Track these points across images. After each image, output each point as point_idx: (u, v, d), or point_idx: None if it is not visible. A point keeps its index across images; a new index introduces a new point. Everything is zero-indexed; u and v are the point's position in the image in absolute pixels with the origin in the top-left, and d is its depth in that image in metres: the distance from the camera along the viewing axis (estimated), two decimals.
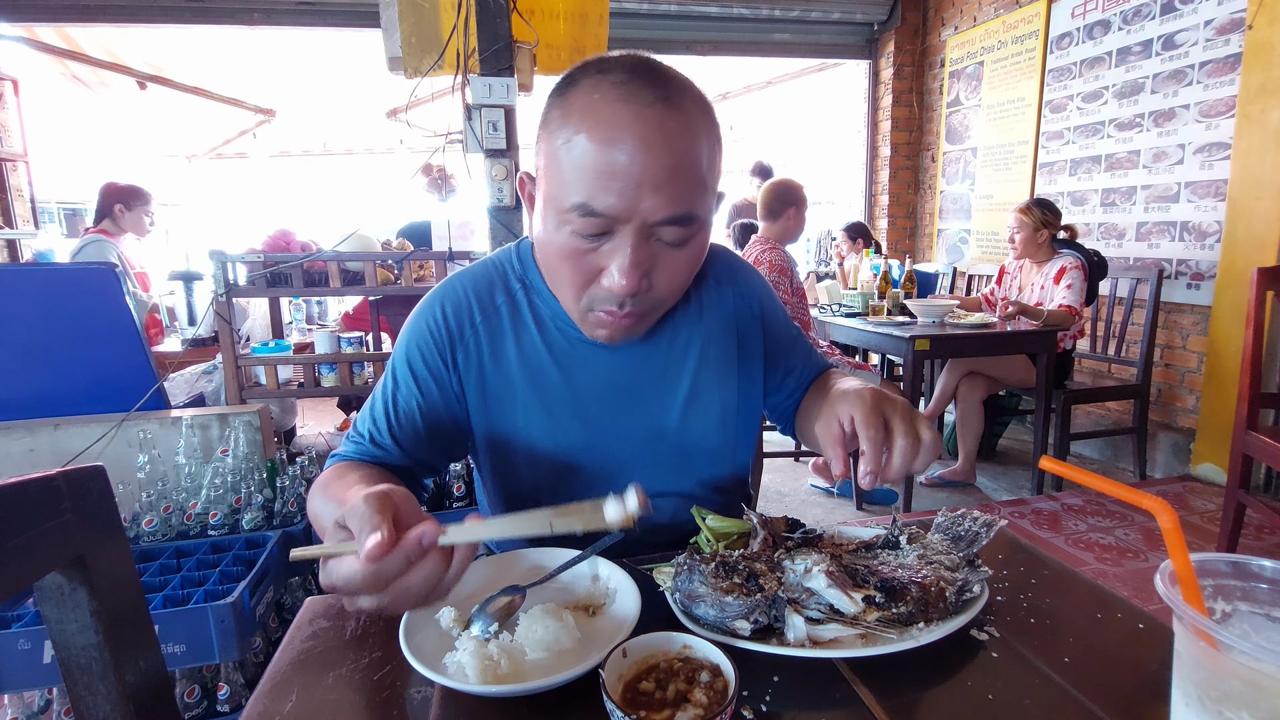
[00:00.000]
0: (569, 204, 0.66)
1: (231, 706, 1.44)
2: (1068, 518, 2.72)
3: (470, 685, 0.55)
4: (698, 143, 0.67)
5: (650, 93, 0.64)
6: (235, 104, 5.35)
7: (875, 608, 0.61)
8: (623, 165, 0.64)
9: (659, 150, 0.64)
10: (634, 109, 0.64)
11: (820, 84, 5.64)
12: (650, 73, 0.66)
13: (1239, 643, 0.38)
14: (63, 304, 1.75)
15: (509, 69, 2.22)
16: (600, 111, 0.64)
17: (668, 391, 0.86)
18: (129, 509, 1.64)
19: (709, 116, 0.70)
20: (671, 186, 0.65)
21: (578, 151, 0.65)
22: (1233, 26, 2.81)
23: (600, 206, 0.65)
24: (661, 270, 0.71)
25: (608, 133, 0.64)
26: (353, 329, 2.86)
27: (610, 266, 0.68)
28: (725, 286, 0.91)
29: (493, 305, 0.84)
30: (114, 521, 0.60)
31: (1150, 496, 0.46)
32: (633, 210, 0.65)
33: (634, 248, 0.67)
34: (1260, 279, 1.91)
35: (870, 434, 0.65)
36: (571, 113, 0.66)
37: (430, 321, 0.83)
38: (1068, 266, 2.85)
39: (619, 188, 0.64)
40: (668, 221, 0.67)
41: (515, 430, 0.84)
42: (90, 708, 0.57)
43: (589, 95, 0.66)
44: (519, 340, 0.83)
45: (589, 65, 0.69)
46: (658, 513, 0.90)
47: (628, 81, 0.65)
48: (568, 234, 0.68)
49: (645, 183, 0.64)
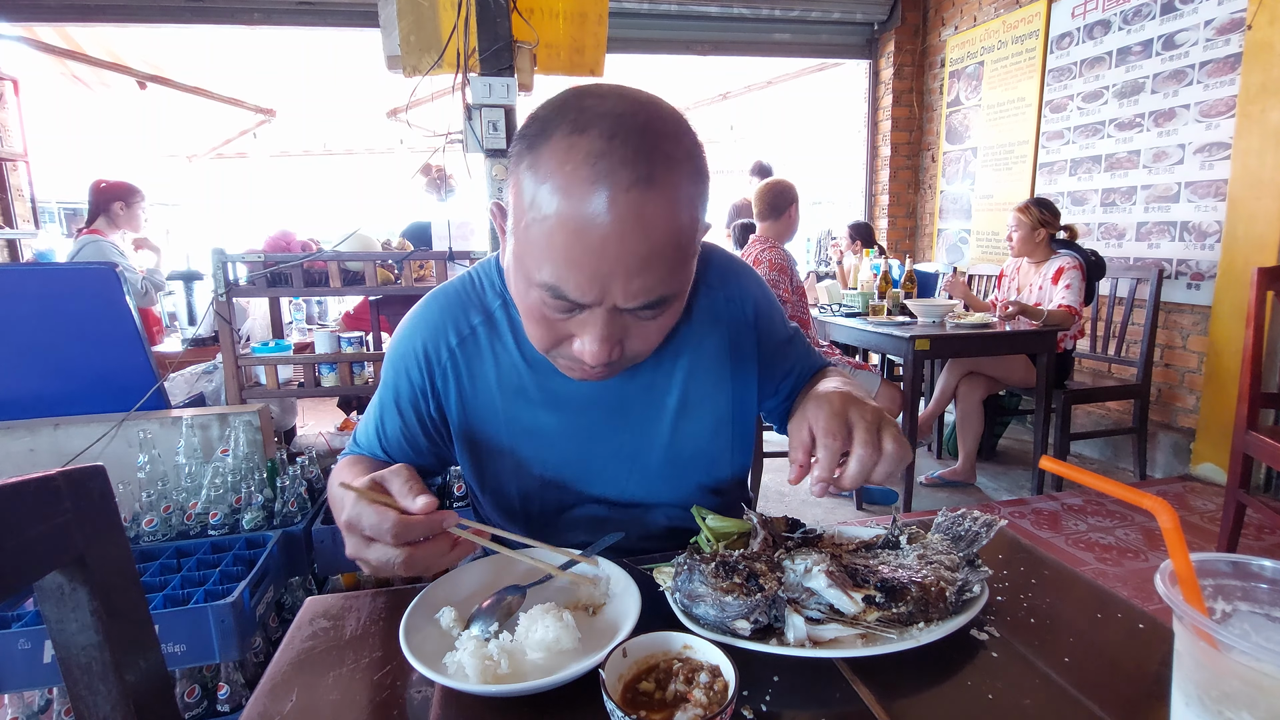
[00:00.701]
0: (537, 279, 0.62)
1: (231, 706, 1.44)
2: (1068, 518, 2.72)
3: (470, 685, 0.55)
4: (679, 222, 0.61)
5: (628, 174, 0.57)
6: (235, 104, 5.36)
7: (875, 608, 0.61)
8: (593, 254, 0.59)
9: (633, 240, 0.59)
10: (608, 193, 0.57)
11: (820, 84, 5.64)
12: (633, 140, 0.58)
13: (1239, 643, 0.38)
14: (63, 304, 1.75)
15: (509, 69, 2.22)
16: (571, 189, 0.58)
17: (656, 403, 0.85)
18: (129, 509, 1.64)
19: (696, 176, 0.63)
20: (645, 275, 0.61)
21: (547, 226, 0.60)
22: (1233, 26, 2.81)
23: (568, 291, 0.61)
24: (634, 338, 0.68)
25: (577, 215, 0.58)
26: (353, 329, 2.86)
27: (581, 336, 0.66)
28: (717, 291, 0.88)
29: (469, 326, 0.83)
30: (114, 521, 0.60)
31: (1150, 496, 0.46)
32: (602, 297, 0.62)
33: (604, 324, 0.64)
34: (1260, 279, 1.91)
35: (828, 442, 0.63)
36: (542, 175, 0.60)
37: (408, 350, 0.84)
38: (1065, 267, 2.85)
39: (588, 276, 0.60)
40: (640, 308, 0.64)
41: (500, 448, 0.85)
42: (90, 708, 0.57)
43: (560, 162, 0.58)
44: (497, 360, 0.83)
45: (564, 113, 0.60)
46: (655, 521, 0.89)
47: (604, 155, 0.57)
48: (536, 300, 0.65)
49: (617, 272, 0.60)
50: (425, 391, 0.83)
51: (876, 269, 3.50)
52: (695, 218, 0.64)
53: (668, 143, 0.60)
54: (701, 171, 0.65)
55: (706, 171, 0.66)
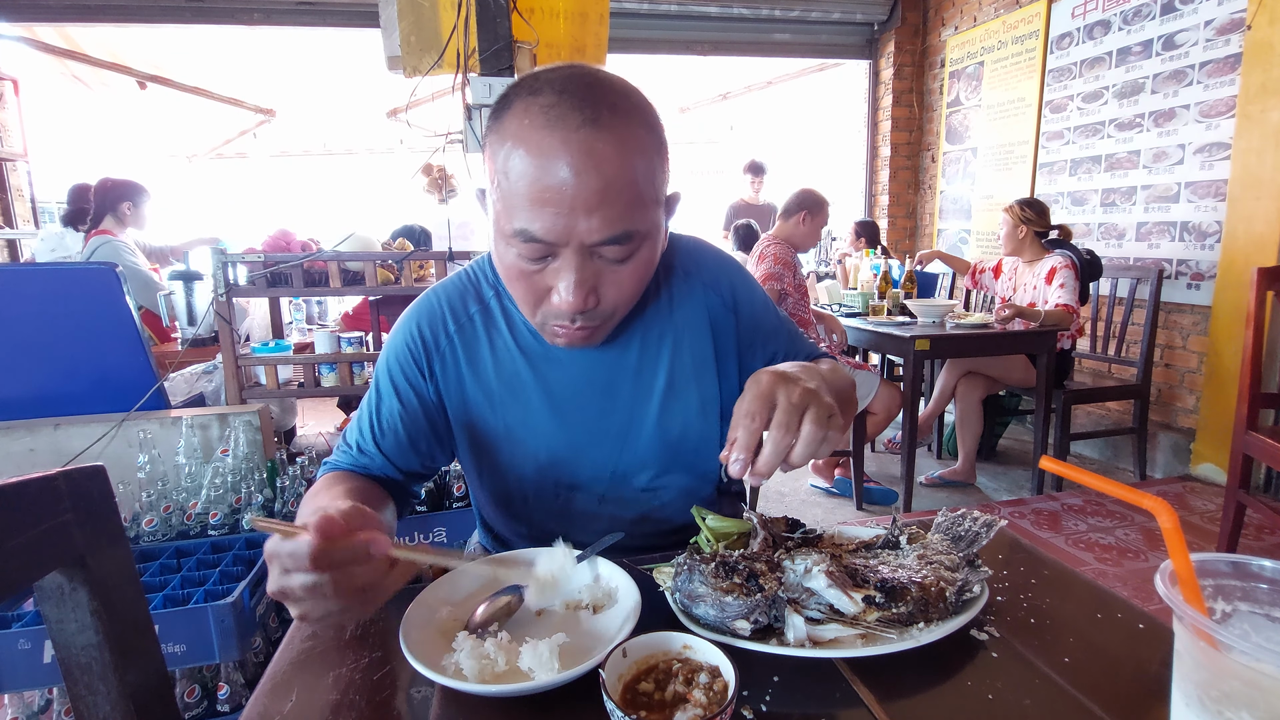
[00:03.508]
0: (510, 229, 0.67)
1: (231, 706, 1.44)
2: (1068, 518, 2.72)
3: (470, 685, 0.55)
4: (630, 161, 0.66)
5: (577, 116, 0.64)
6: (235, 104, 5.36)
7: (875, 608, 0.61)
8: (553, 191, 0.64)
9: (588, 174, 0.64)
10: (560, 134, 0.64)
11: (820, 84, 5.64)
12: (580, 91, 0.65)
13: (1239, 643, 0.38)
14: (63, 304, 1.75)
15: (509, 69, 2.22)
16: (529, 138, 0.65)
17: (644, 387, 0.87)
18: (129, 509, 1.64)
19: (647, 128, 0.69)
20: (605, 209, 0.66)
21: (513, 177, 0.66)
22: (1233, 27, 2.81)
23: (537, 232, 0.66)
24: (608, 285, 0.72)
25: (537, 160, 0.64)
26: (353, 329, 2.86)
27: (557, 285, 0.70)
28: (694, 278, 0.90)
29: (466, 315, 0.87)
30: (114, 521, 0.60)
31: (1150, 496, 0.46)
32: (569, 234, 0.66)
33: (576, 268, 0.68)
34: (1260, 279, 1.91)
35: (746, 422, 0.60)
36: (505, 137, 0.67)
37: (407, 336, 0.86)
38: (1058, 266, 2.85)
39: (552, 213, 0.65)
40: (606, 242, 0.67)
41: (497, 434, 0.87)
42: (90, 707, 0.57)
43: (520, 120, 0.66)
44: (493, 346, 0.86)
45: (522, 85, 0.68)
46: (653, 502, 0.91)
47: (555, 105, 0.64)
48: (514, 255, 0.70)
49: (578, 207, 0.65)
50: (425, 373, 0.85)
51: (877, 269, 3.50)
52: (650, 163, 0.69)
53: (614, 94, 0.67)
54: (651, 124, 0.70)
55: (658, 127, 0.71)
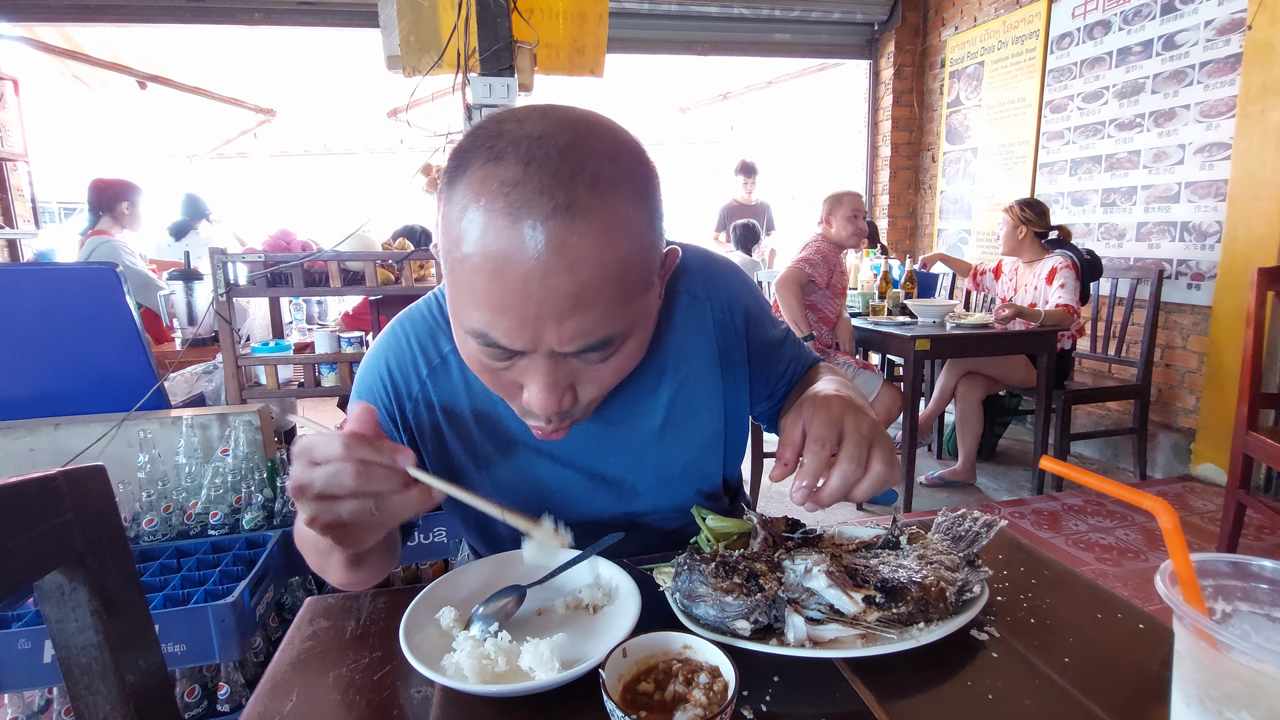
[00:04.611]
0: (467, 326, 0.57)
1: (231, 706, 1.44)
2: (1068, 518, 2.72)
3: (470, 685, 0.55)
4: (613, 255, 0.54)
5: (547, 202, 0.51)
6: (235, 104, 5.36)
7: (875, 608, 0.61)
8: (515, 296, 0.52)
9: (557, 277, 0.52)
10: (525, 226, 0.51)
11: (820, 84, 5.64)
12: (552, 164, 0.51)
13: (1239, 643, 0.38)
14: (63, 304, 1.75)
15: (509, 69, 2.22)
16: (488, 226, 0.52)
17: (642, 423, 0.81)
18: (129, 509, 1.64)
19: (638, 200, 0.56)
20: (579, 316, 0.54)
21: (468, 269, 0.54)
22: (1233, 27, 2.81)
23: (499, 339, 0.56)
24: (586, 383, 0.62)
25: (496, 257, 0.52)
26: (353, 329, 2.85)
27: (527, 385, 0.60)
28: (703, 301, 0.82)
29: (438, 354, 0.77)
30: (114, 521, 0.60)
31: (1150, 496, 0.46)
32: (535, 343, 0.56)
33: (545, 371, 0.58)
34: (1261, 279, 1.91)
35: (816, 449, 0.60)
36: (459, 213, 0.53)
37: (375, 380, 0.77)
38: (1058, 266, 2.86)
39: (515, 321, 0.54)
40: (581, 351, 0.57)
41: (482, 488, 0.79)
42: (90, 707, 0.57)
43: (476, 197, 0.52)
44: (470, 389, 0.77)
45: (481, 140, 0.54)
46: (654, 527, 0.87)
47: (519, 184, 0.51)
48: (474, 349, 0.59)
49: (545, 315, 0.54)
50: (398, 421, 0.77)
51: (877, 269, 3.51)
52: (642, 246, 0.57)
53: (596, 162, 0.53)
54: (645, 193, 0.57)
55: (655, 191, 0.59)
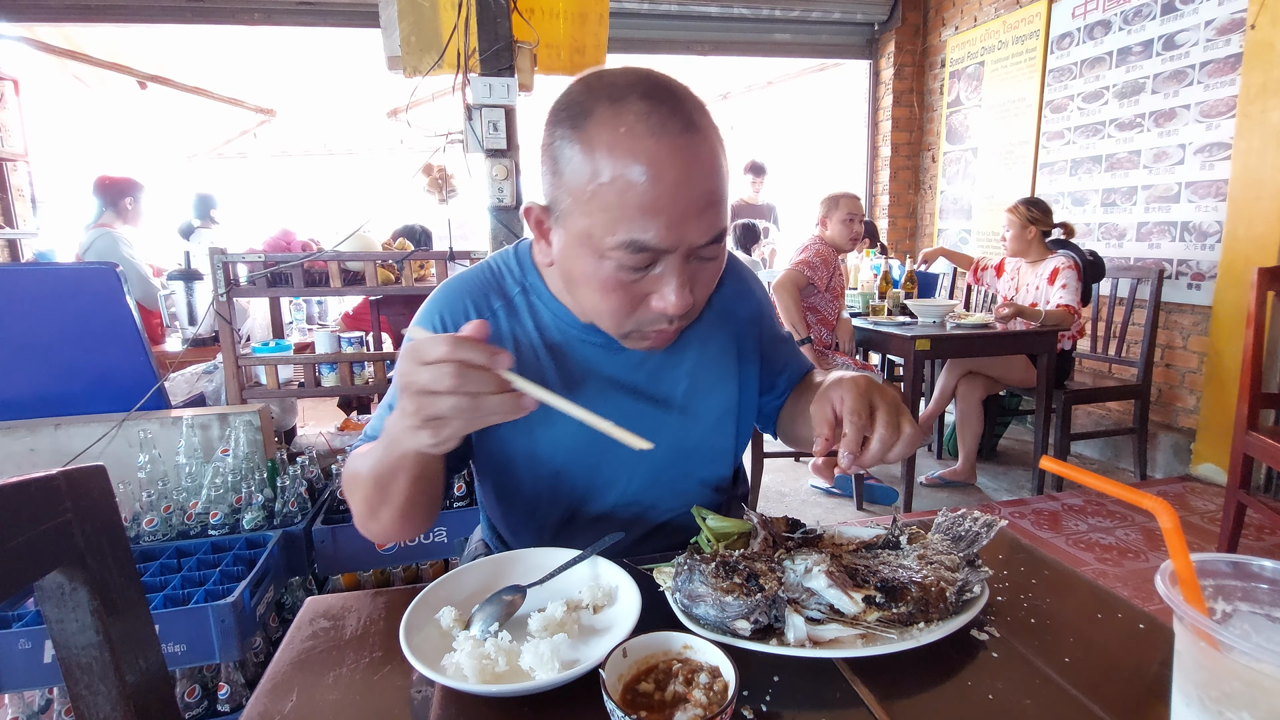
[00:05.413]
0: (614, 241, 0.66)
1: (232, 706, 1.44)
2: (1068, 518, 2.72)
3: (470, 685, 0.55)
4: (721, 162, 0.69)
5: (677, 121, 0.64)
6: (236, 104, 5.36)
7: (875, 608, 0.61)
8: (666, 199, 0.64)
9: (697, 180, 0.65)
10: (666, 142, 0.63)
11: (820, 84, 5.64)
12: (667, 96, 0.65)
13: (1239, 643, 0.38)
14: (64, 304, 1.75)
15: (509, 69, 2.22)
16: (633, 147, 0.63)
17: (666, 392, 0.87)
18: (129, 509, 1.64)
19: (718, 127, 0.71)
20: (710, 212, 0.67)
21: (617, 189, 0.64)
22: (1233, 26, 2.80)
23: (650, 240, 0.65)
24: (700, 284, 0.73)
25: (647, 169, 0.63)
26: (353, 329, 2.86)
27: (661, 290, 0.70)
28: (725, 288, 0.92)
29: (489, 310, 0.84)
30: (114, 521, 0.60)
31: (1151, 497, 0.46)
32: (679, 240, 0.66)
33: (680, 271, 0.69)
34: (1261, 279, 1.91)
35: (855, 420, 0.68)
36: (597, 148, 0.64)
37: (430, 327, 0.83)
38: (1060, 267, 2.86)
39: (665, 221, 0.65)
40: (709, 243, 0.69)
41: (514, 435, 0.84)
42: (90, 707, 0.57)
43: (613, 130, 0.64)
44: (517, 346, 0.84)
45: (596, 93, 0.66)
46: (656, 513, 0.90)
47: (651, 112, 0.64)
48: (611, 268, 0.68)
49: (689, 213, 0.65)
50: None
51: (877, 269, 3.51)
52: (726, 158, 0.71)
53: (690, 96, 0.68)
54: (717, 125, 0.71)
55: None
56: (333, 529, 1.68)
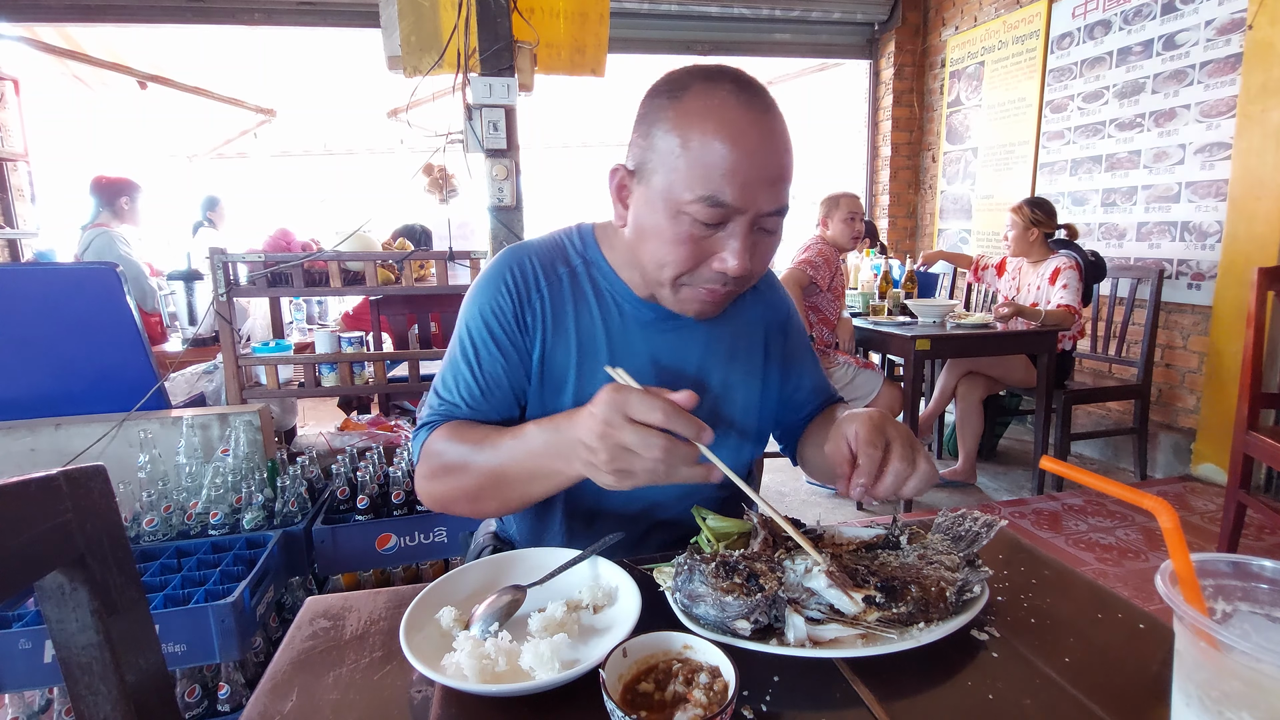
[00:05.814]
0: (693, 196, 0.73)
1: (232, 706, 1.44)
2: (1068, 518, 2.72)
3: (471, 685, 0.55)
4: (791, 146, 0.77)
5: (761, 102, 0.74)
6: (236, 104, 5.35)
7: (875, 608, 0.61)
8: (746, 163, 0.72)
9: (773, 152, 0.74)
10: (752, 116, 0.73)
11: (820, 84, 5.64)
12: (751, 84, 0.75)
13: (1239, 643, 0.38)
14: (64, 304, 1.75)
15: (509, 69, 2.22)
16: (725, 116, 0.72)
17: (704, 376, 0.92)
18: (129, 509, 1.64)
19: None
20: (779, 184, 0.75)
21: (704, 150, 0.72)
22: (1233, 26, 2.80)
23: (726, 198, 0.72)
24: (758, 255, 0.79)
25: (734, 135, 0.71)
26: (353, 329, 2.86)
27: (723, 252, 0.76)
28: (763, 292, 0.99)
29: (555, 274, 0.89)
30: (114, 521, 0.60)
31: (1151, 496, 0.46)
32: (751, 203, 0.73)
33: (745, 234, 0.75)
34: (1261, 279, 1.91)
35: (869, 451, 0.70)
36: (691, 115, 0.73)
37: (502, 285, 0.86)
38: (1062, 267, 2.86)
39: (742, 183, 0.72)
40: (773, 213, 0.76)
41: (566, 400, 0.87)
42: (91, 707, 0.57)
43: (706, 101, 0.73)
44: (577, 312, 0.88)
45: (694, 74, 0.76)
46: (667, 504, 0.92)
47: (741, 92, 0.73)
48: (686, 222, 0.75)
49: (764, 179, 0.73)
50: (520, 324, 0.86)
51: (877, 269, 3.50)
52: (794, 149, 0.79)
53: (768, 91, 0.77)
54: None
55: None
56: (333, 529, 1.68)
